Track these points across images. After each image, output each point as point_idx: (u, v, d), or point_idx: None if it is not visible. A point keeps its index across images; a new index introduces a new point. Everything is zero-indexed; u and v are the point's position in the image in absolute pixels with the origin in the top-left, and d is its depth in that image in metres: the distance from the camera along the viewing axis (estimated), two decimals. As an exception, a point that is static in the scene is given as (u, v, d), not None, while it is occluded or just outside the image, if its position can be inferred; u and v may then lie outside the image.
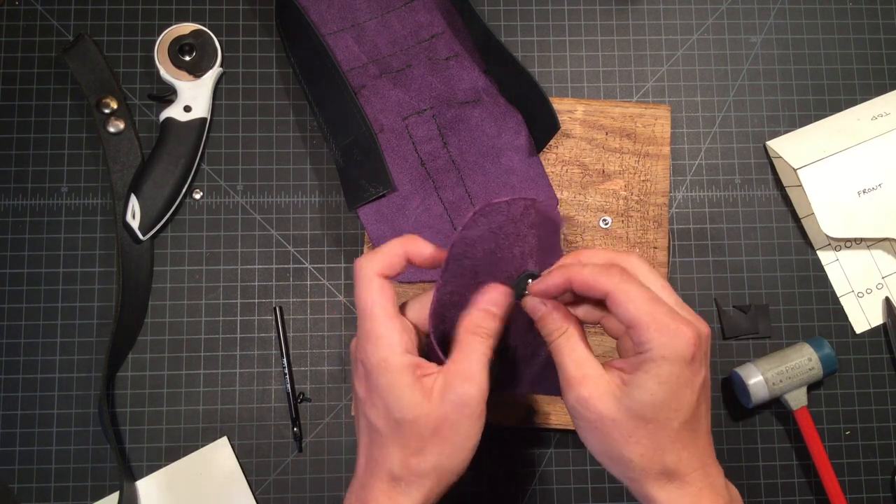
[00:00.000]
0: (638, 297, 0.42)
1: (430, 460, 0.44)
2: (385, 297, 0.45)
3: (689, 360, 0.42)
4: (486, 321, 0.46)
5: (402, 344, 0.44)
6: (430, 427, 0.43)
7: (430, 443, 0.44)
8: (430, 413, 0.43)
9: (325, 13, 0.65)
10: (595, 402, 0.43)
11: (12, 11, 0.67)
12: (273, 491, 0.63)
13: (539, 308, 0.46)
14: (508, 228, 0.45)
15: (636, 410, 0.42)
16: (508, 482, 0.64)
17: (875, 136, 0.66)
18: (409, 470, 0.44)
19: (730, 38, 0.70)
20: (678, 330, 0.42)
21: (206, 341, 0.64)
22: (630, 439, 0.42)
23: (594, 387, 0.43)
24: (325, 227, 0.66)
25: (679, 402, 0.42)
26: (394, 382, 0.43)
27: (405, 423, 0.44)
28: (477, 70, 0.65)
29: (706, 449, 0.45)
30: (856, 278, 0.67)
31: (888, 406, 0.66)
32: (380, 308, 0.45)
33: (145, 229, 0.63)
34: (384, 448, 0.44)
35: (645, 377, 0.42)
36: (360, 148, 0.63)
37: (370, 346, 0.44)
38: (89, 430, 0.63)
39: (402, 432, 0.44)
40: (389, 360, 0.44)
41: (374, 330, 0.44)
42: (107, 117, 0.65)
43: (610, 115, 0.66)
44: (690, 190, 0.68)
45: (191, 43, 0.65)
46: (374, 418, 0.45)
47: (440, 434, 0.44)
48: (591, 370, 0.44)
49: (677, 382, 0.42)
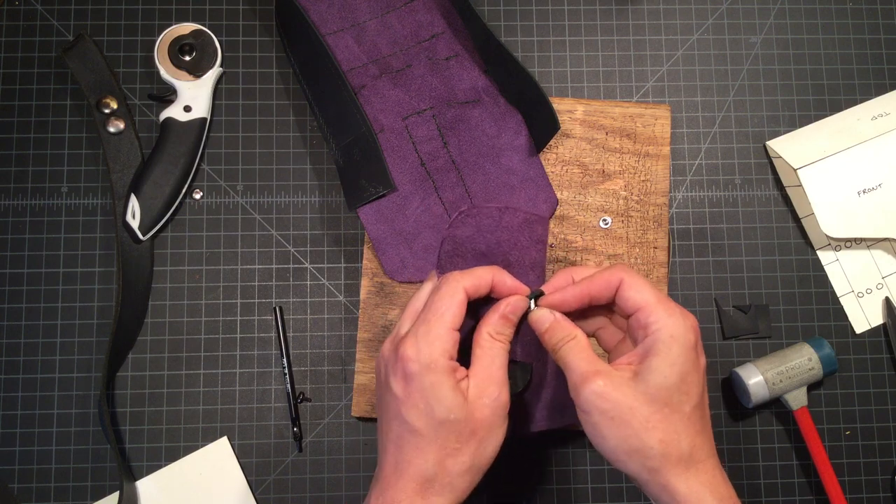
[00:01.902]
0: (645, 285, 0.47)
1: (466, 461, 0.46)
2: (458, 310, 0.48)
3: (694, 343, 0.45)
4: (506, 328, 0.48)
5: (452, 351, 0.47)
6: (469, 428, 0.46)
7: (467, 444, 0.46)
8: (470, 415, 0.46)
9: (325, 13, 0.65)
10: (612, 392, 0.44)
11: (12, 11, 0.67)
12: (273, 491, 0.63)
13: (547, 318, 0.48)
14: (501, 235, 0.46)
15: (651, 394, 0.44)
16: (508, 482, 0.64)
17: (875, 136, 0.66)
18: (445, 470, 0.46)
19: (730, 38, 0.70)
20: (683, 313, 0.46)
21: (206, 341, 0.64)
22: (648, 425, 0.44)
23: (608, 378, 0.45)
24: (325, 227, 0.66)
25: (688, 384, 0.44)
26: (440, 383, 0.46)
27: (447, 424, 0.45)
28: (477, 70, 0.65)
29: (711, 436, 0.47)
30: (856, 278, 0.67)
31: (888, 406, 0.66)
32: (449, 316, 0.47)
33: (145, 229, 0.63)
34: (420, 449, 0.46)
35: (656, 360, 0.44)
36: (360, 148, 0.63)
37: (426, 346, 0.46)
38: (89, 430, 0.63)
39: (442, 432, 0.46)
40: (440, 361, 0.46)
41: (435, 332, 0.47)
42: (107, 117, 0.65)
43: (610, 115, 0.66)
44: (690, 190, 0.68)
45: (191, 43, 0.65)
46: (415, 418, 0.46)
47: (476, 435, 0.46)
48: (602, 366, 0.46)
49: (685, 364, 0.44)
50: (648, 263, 0.64)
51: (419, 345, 0.46)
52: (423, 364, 0.46)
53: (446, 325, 0.47)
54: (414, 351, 0.46)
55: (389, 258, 0.62)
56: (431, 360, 0.46)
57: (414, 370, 0.46)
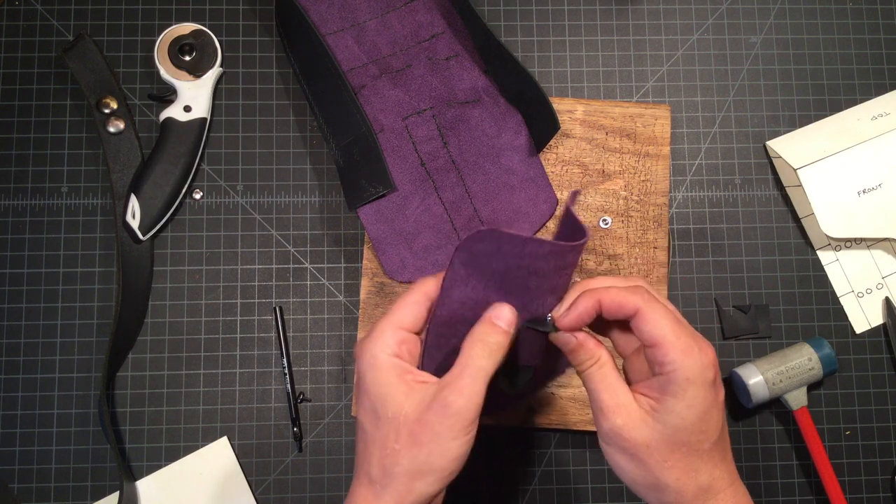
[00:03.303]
0: (663, 318, 0.43)
1: (403, 463, 0.44)
2: (410, 310, 0.46)
3: (712, 380, 0.43)
4: (491, 335, 0.45)
5: (394, 346, 0.45)
6: (408, 428, 0.44)
7: (406, 445, 0.44)
8: (410, 414, 0.44)
9: (325, 13, 0.65)
10: (630, 431, 0.43)
11: (12, 11, 0.67)
12: (273, 491, 0.63)
13: (570, 341, 0.46)
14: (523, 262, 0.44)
15: (669, 435, 0.43)
16: (508, 482, 0.64)
17: (875, 136, 0.66)
18: (383, 471, 0.44)
19: (730, 38, 0.70)
20: (701, 349, 0.43)
21: (206, 341, 0.64)
22: (665, 464, 0.43)
23: (627, 415, 0.44)
24: (325, 227, 0.66)
25: (707, 423, 0.43)
26: (379, 380, 0.45)
27: (385, 421, 0.44)
28: (477, 70, 0.65)
29: (732, 463, 0.46)
30: (856, 278, 0.67)
31: (888, 406, 0.66)
32: (399, 315, 0.46)
33: (145, 229, 0.63)
34: (367, 449, 0.45)
35: (673, 402, 0.43)
36: (360, 148, 0.63)
37: (368, 342, 0.46)
38: (89, 430, 0.63)
39: (382, 431, 0.44)
40: (379, 357, 0.45)
41: (379, 329, 0.46)
42: (107, 117, 0.65)
43: (610, 115, 0.66)
44: (690, 190, 0.68)
45: (191, 43, 0.65)
46: (362, 417, 0.46)
47: (417, 438, 0.43)
48: (623, 398, 0.44)
49: (704, 404, 0.43)
50: (648, 263, 0.64)
51: (365, 343, 0.46)
52: (366, 361, 0.45)
53: (393, 324, 0.46)
54: (359, 349, 0.46)
55: (389, 258, 0.62)
56: (371, 356, 0.45)
57: (360, 368, 0.46)
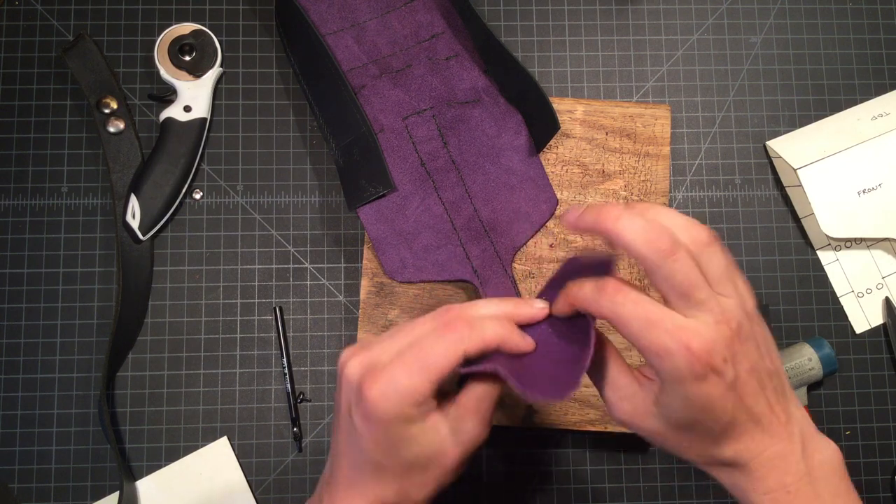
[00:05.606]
0: (632, 319, 0.40)
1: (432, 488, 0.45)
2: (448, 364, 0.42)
3: (701, 374, 0.39)
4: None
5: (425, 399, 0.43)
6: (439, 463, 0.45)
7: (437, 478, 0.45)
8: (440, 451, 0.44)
9: (325, 13, 0.65)
10: (639, 422, 0.43)
11: (12, 11, 0.67)
12: (273, 491, 0.63)
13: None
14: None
15: (674, 424, 0.42)
16: (508, 482, 0.64)
17: (875, 136, 0.66)
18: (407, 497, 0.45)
19: (730, 38, 0.70)
20: (678, 351, 0.39)
21: (206, 341, 0.64)
22: (682, 446, 0.43)
23: (633, 407, 0.44)
24: (325, 227, 0.66)
25: (711, 413, 0.41)
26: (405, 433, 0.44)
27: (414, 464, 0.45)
28: (477, 70, 0.65)
29: (772, 424, 0.42)
30: (856, 278, 0.67)
31: (888, 406, 0.66)
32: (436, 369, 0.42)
33: (145, 229, 0.63)
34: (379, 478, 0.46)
35: (668, 398, 0.41)
36: (360, 148, 0.63)
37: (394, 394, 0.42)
38: (89, 430, 0.63)
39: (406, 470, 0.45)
40: (406, 412, 0.43)
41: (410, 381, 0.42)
42: (107, 117, 0.65)
43: (610, 115, 0.66)
44: (690, 190, 0.68)
45: (191, 43, 0.65)
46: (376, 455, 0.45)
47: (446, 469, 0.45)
48: (627, 389, 0.44)
49: (699, 398, 0.40)
50: (648, 263, 0.64)
51: (386, 391, 0.41)
52: (389, 413, 0.41)
53: (429, 378, 0.41)
54: (380, 396, 0.41)
55: (389, 258, 0.62)
56: (401, 412, 0.41)
57: (377, 416, 0.41)
